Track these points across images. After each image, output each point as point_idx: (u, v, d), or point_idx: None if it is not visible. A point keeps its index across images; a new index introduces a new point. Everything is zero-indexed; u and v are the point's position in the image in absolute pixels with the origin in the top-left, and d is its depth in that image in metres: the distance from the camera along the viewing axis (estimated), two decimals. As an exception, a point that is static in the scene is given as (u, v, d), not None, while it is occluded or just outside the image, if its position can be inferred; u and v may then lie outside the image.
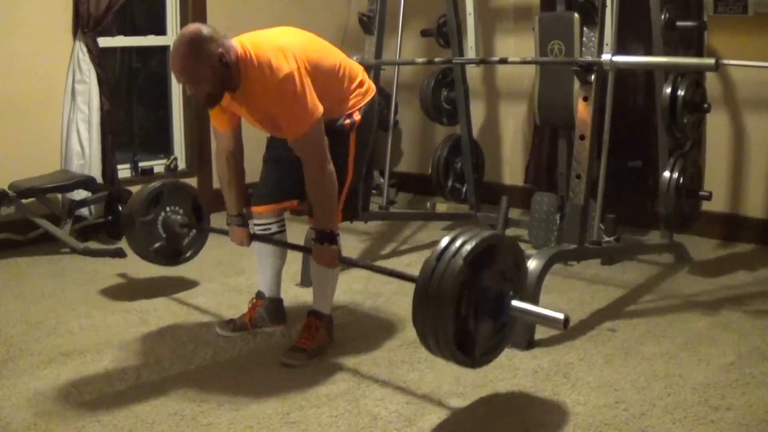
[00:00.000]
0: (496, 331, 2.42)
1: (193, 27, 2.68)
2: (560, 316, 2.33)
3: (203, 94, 2.70)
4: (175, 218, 3.48)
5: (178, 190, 3.53)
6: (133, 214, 3.41)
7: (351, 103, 2.93)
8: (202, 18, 5.19)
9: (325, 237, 2.79)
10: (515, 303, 2.38)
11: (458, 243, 2.29)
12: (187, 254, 3.62)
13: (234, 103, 2.85)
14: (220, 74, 2.65)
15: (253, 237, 3.15)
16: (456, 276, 2.23)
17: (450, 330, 2.26)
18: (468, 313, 2.30)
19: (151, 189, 3.44)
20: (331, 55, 2.91)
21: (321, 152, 2.73)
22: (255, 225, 3.18)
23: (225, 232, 3.26)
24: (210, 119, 3.02)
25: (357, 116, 2.94)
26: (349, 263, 3.02)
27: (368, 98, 3.00)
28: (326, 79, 2.81)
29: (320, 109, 2.72)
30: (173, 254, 3.58)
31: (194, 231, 3.58)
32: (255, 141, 3.19)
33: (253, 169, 3.20)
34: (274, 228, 3.15)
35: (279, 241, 3.15)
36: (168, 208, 3.48)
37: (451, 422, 2.51)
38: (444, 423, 2.50)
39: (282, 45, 2.72)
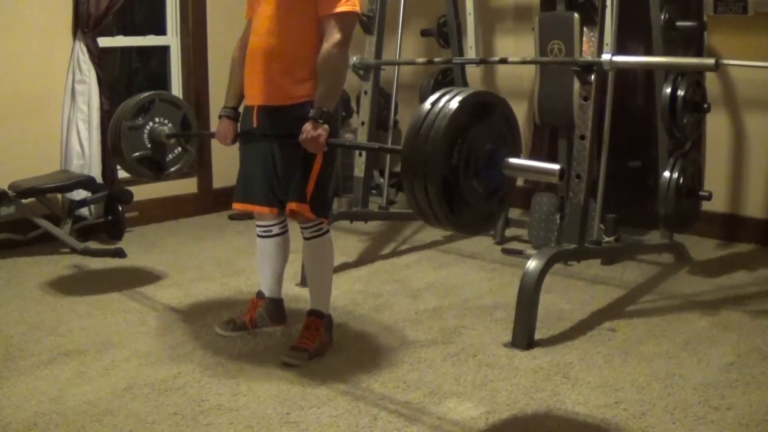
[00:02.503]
0: (486, 196, 2.29)
1: None
2: (555, 166, 2.23)
3: None
4: (162, 129, 3.36)
5: (169, 104, 3.43)
6: (121, 117, 3.30)
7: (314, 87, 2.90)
8: (202, 18, 5.20)
9: (323, 115, 2.74)
10: (509, 159, 2.26)
11: (453, 93, 2.20)
12: (170, 170, 3.47)
13: None
14: None
15: (239, 135, 3.07)
16: (451, 117, 2.12)
17: (439, 177, 2.13)
18: (459, 164, 2.17)
19: (143, 96, 3.35)
20: None
21: (348, 35, 2.80)
22: (257, 226, 3.17)
23: (211, 135, 3.23)
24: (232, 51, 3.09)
25: None
26: (336, 145, 2.91)
27: None
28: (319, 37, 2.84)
29: (359, 6, 2.82)
30: (155, 167, 3.43)
31: (179, 149, 3.46)
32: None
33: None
34: (276, 230, 3.15)
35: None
36: (157, 119, 3.37)
37: (451, 422, 2.51)
38: (444, 423, 2.51)
39: None
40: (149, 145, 3.36)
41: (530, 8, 5.15)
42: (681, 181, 3.82)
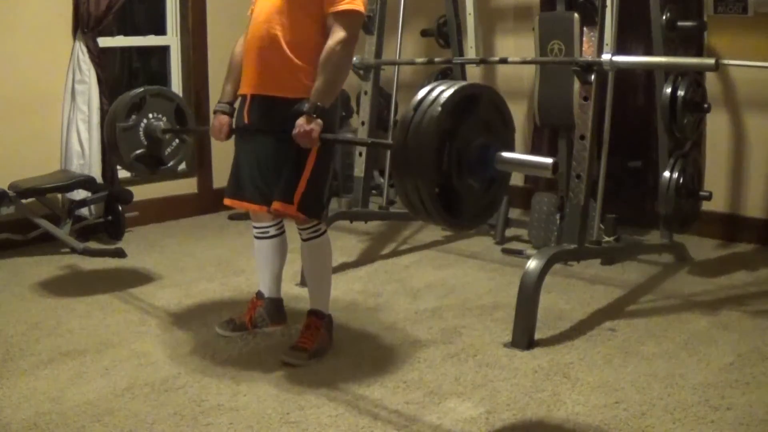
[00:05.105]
0: (484, 189, 2.26)
1: None
2: (548, 160, 2.19)
3: None
4: (157, 124, 3.34)
5: (161, 97, 3.40)
6: (114, 119, 3.29)
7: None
8: (202, 18, 5.20)
9: (317, 109, 2.71)
10: (501, 154, 2.20)
11: (436, 93, 2.14)
12: (169, 164, 3.46)
13: None
14: None
15: (233, 131, 3.04)
16: (435, 125, 2.07)
17: (432, 186, 2.10)
18: (451, 168, 2.13)
19: (134, 94, 3.32)
20: None
21: (353, 33, 2.77)
22: (253, 228, 3.17)
23: (205, 130, 3.20)
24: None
25: None
26: (329, 141, 2.84)
27: None
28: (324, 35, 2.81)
29: (364, 6, 2.82)
30: (154, 162, 3.42)
31: (177, 141, 3.45)
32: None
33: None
34: (272, 231, 3.14)
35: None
36: (150, 115, 3.34)
37: (451, 422, 2.51)
38: (444, 423, 2.51)
39: None
40: (146, 142, 3.33)
41: (530, 8, 5.15)
42: (681, 181, 3.82)
